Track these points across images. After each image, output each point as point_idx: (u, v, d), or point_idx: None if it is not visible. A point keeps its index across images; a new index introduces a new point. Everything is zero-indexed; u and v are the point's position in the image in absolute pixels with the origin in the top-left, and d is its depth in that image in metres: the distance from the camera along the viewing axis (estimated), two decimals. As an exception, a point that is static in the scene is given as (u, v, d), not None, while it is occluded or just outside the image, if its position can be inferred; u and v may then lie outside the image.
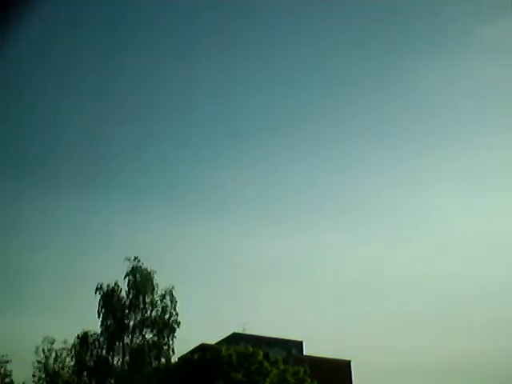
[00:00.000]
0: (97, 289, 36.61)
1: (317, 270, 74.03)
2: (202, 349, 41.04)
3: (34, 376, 37.84)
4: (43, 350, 38.20)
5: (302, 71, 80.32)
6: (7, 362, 37.65)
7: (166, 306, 36.52)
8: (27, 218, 61.55)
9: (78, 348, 36.38)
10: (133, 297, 36.53)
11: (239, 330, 49.50)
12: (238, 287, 65.60)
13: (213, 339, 46.17)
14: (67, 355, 38.01)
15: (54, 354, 38.14)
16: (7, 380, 37.72)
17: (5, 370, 37.56)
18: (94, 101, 67.50)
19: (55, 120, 67.94)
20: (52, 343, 38.30)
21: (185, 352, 39.59)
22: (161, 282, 37.35)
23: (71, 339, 37.08)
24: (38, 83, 66.81)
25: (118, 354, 35.93)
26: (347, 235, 76.36)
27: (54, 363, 38.10)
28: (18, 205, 59.97)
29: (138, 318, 36.30)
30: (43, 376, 37.86)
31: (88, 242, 61.08)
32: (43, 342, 38.29)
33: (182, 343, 38.20)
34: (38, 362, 38.03)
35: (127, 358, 35.66)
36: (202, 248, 67.74)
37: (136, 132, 73.88)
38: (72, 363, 37.58)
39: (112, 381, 35.75)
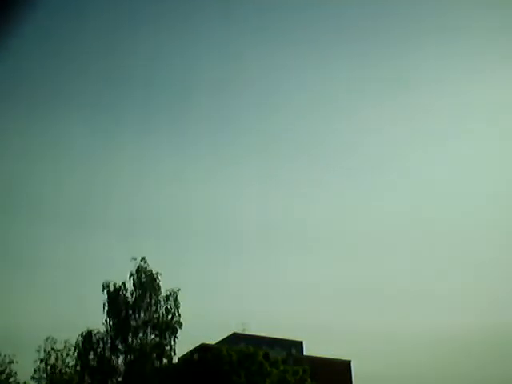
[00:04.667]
0: (103, 287, 36.70)
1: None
2: (202, 349, 41.29)
3: (33, 377, 38.08)
4: (44, 350, 38.38)
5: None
6: (11, 362, 37.99)
7: (170, 308, 36.73)
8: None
9: (81, 347, 36.40)
10: (137, 297, 36.68)
11: (239, 330, 49.92)
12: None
13: (213, 339, 46.54)
14: (67, 355, 38.23)
15: (54, 354, 38.33)
16: (12, 380, 38.00)
17: (10, 370, 37.90)
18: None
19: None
20: (55, 343, 38.46)
21: (185, 352, 39.95)
22: (164, 282, 37.67)
23: (72, 338, 37.39)
24: None
25: (121, 354, 36.11)
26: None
27: (55, 362, 38.26)
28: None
29: (142, 318, 36.48)
30: (44, 376, 38.05)
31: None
32: (46, 341, 38.48)
33: (182, 343, 38.56)
34: (41, 360, 38.23)
35: (129, 358, 35.87)
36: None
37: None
38: (73, 362, 37.84)
39: (114, 380, 35.95)
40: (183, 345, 38.86)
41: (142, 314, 36.36)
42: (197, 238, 70.39)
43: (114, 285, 36.60)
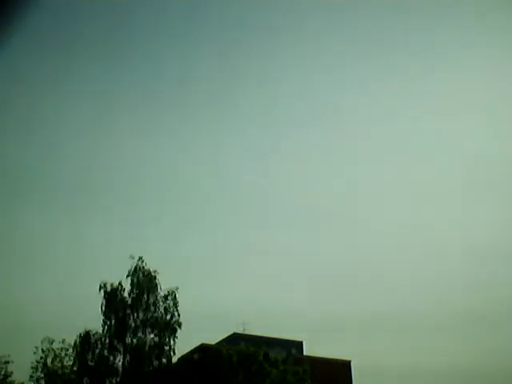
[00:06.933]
0: (100, 287, 36.52)
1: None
2: (202, 349, 41.07)
3: (31, 377, 37.79)
4: (42, 350, 38.09)
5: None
6: (8, 362, 37.70)
7: (168, 307, 36.51)
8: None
9: (79, 347, 36.17)
10: (135, 297, 36.46)
11: (239, 330, 49.63)
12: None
13: (213, 339, 46.26)
14: (65, 355, 37.96)
15: (52, 354, 38.04)
16: (8, 380, 37.72)
17: (6, 370, 37.61)
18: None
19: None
20: (51, 343, 38.18)
21: (185, 352, 39.70)
22: (163, 281, 37.42)
23: (70, 338, 37.15)
24: None
25: (120, 354, 35.90)
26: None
27: (52, 363, 37.99)
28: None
29: (140, 318, 36.27)
30: (42, 376, 37.78)
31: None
32: (42, 342, 38.21)
33: (182, 343, 38.31)
34: (37, 361, 37.92)
35: (128, 357, 35.66)
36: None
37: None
38: (71, 363, 37.58)
39: (113, 381, 35.73)
40: (183, 345, 38.69)
41: (141, 314, 36.19)
42: (197, 237, 70.13)
43: (111, 285, 36.42)
